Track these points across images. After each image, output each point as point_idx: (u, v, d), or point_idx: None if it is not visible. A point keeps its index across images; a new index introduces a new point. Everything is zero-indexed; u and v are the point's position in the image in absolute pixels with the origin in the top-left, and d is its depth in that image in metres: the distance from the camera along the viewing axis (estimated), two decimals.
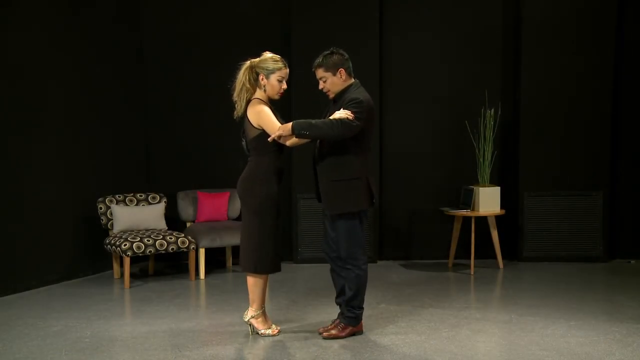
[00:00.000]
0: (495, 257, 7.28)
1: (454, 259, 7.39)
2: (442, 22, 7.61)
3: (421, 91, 7.65)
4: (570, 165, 7.44)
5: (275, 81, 4.84)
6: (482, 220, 7.24)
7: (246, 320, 4.95)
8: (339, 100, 4.78)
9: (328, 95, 4.87)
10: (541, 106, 7.43)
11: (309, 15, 7.46)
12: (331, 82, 4.79)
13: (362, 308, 4.92)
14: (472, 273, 6.99)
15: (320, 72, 4.81)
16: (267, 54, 4.93)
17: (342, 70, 4.78)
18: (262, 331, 4.95)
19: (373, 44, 7.47)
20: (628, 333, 4.94)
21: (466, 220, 7.24)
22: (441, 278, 6.88)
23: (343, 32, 7.43)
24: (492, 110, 7.17)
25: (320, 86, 4.84)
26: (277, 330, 4.98)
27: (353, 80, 4.86)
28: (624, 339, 4.80)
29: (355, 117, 4.59)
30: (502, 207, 7.19)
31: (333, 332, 4.90)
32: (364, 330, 5.01)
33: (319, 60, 4.84)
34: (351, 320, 4.90)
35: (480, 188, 7.02)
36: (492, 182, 7.33)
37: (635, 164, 7.57)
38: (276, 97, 4.89)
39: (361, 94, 4.72)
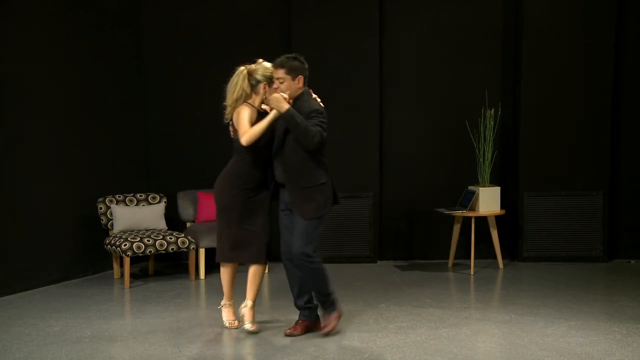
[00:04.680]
0: (495, 257, 7.28)
1: (454, 259, 7.39)
2: (442, 22, 7.59)
3: (421, 91, 7.64)
4: (570, 165, 7.44)
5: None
6: (482, 220, 7.23)
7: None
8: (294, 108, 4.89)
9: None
10: (541, 106, 7.42)
11: (308, 16, 7.45)
12: (287, 85, 4.87)
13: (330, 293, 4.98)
14: (472, 273, 6.99)
15: (280, 73, 4.88)
16: (264, 62, 5.06)
17: (301, 78, 4.90)
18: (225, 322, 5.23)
19: (373, 43, 7.46)
20: (628, 333, 4.94)
21: (466, 220, 7.24)
22: (441, 278, 6.88)
23: (343, 32, 7.43)
24: (492, 110, 7.16)
25: (275, 86, 4.91)
26: (235, 324, 5.18)
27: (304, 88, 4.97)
28: (624, 339, 4.81)
29: (323, 129, 4.79)
30: (502, 207, 7.19)
31: (328, 327, 4.96)
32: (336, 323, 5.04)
33: (281, 60, 4.91)
34: (332, 306, 4.99)
35: (480, 188, 7.02)
36: (492, 182, 7.33)
37: (635, 164, 7.57)
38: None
39: (318, 104, 4.90)
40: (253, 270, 5.09)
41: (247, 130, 4.85)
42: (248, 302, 5.09)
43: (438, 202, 7.43)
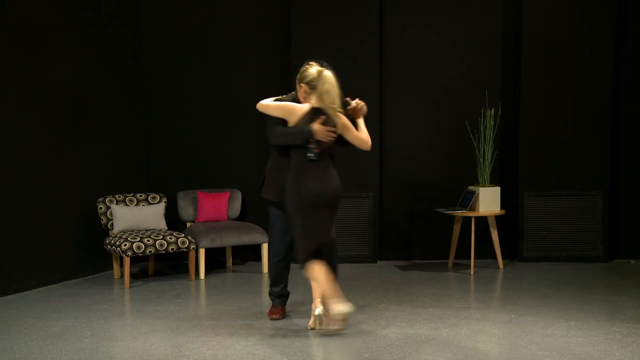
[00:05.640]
0: (495, 257, 7.28)
1: (454, 259, 7.39)
2: (442, 22, 7.60)
3: (421, 91, 7.64)
4: (570, 165, 7.44)
5: None
6: (482, 220, 7.24)
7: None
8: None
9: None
10: (541, 106, 7.42)
11: (308, 16, 7.45)
12: None
13: None
14: (472, 273, 6.99)
15: None
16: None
17: None
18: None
19: (373, 43, 7.46)
20: (628, 333, 4.94)
21: (466, 220, 7.24)
22: (441, 278, 6.88)
23: (343, 32, 7.43)
24: (492, 110, 7.16)
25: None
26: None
27: None
28: (624, 339, 4.81)
29: None
30: (502, 207, 7.19)
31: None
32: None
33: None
34: None
35: (481, 188, 7.02)
36: (492, 182, 7.33)
37: (635, 164, 7.57)
38: None
39: None
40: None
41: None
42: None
43: (438, 202, 7.43)
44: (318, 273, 4.92)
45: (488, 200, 7.03)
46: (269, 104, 5.07)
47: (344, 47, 7.40)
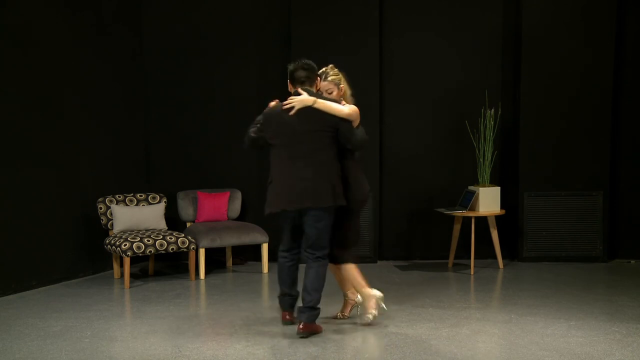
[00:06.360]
0: (495, 257, 7.28)
1: (454, 259, 7.39)
2: (442, 22, 7.60)
3: (421, 91, 7.64)
4: (570, 165, 7.44)
5: None
6: (482, 220, 7.24)
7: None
8: None
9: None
10: (541, 106, 7.42)
11: (308, 16, 7.45)
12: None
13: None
14: (472, 273, 6.99)
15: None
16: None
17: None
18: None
19: (373, 43, 7.46)
20: (628, 333, 4.94)
21: (466, 220, 7.24)
22: (441, 278, 6.88)
23: (343, 33, 7.42)
24: (492, 110, 7.16)
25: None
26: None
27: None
28: (624, 339, 4.81)
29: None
30: (502, 207, 7.19)
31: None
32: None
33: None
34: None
35: (480, 188, 7.02)
36: (492, 182, 7.33)
37: (635, 164, 7.57)
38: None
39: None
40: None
41: None
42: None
43: (438, 202, 7.43)
44: (354, 269, 5.14)
45: (488, 200, 7.03)
46: (356, 110, 5.04)
47: (344, 47, 7.39)
